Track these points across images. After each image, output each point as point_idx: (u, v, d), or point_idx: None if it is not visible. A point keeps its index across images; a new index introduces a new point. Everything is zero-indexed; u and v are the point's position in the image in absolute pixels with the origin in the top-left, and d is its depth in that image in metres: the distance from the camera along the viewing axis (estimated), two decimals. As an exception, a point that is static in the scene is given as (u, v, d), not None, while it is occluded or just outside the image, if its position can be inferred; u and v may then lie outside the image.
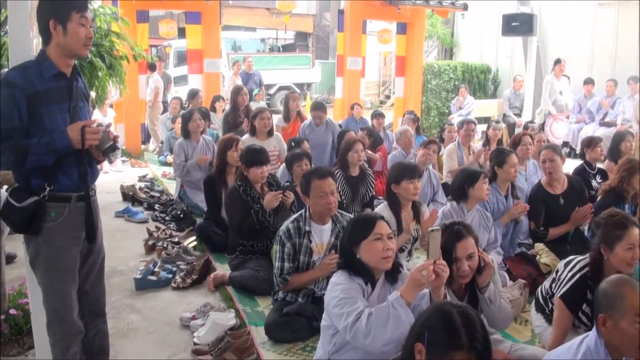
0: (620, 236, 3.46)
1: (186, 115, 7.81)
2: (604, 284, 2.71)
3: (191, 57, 12.07)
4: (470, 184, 5.08)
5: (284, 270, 4.27)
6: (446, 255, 3.26)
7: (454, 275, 3.31)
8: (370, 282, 3.17)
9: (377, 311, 2.88)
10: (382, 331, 2.84)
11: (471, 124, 8.23)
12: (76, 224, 3.09)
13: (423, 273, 2.79)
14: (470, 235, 3.38)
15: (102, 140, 3.03)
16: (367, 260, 3.13)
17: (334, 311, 3.05)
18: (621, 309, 2.58)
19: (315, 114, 8.45)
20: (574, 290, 3.54)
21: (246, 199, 5.34)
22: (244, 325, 4.40)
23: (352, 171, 6.47)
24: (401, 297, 2.85)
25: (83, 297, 3.22)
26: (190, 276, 5.23)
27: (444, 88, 14.86)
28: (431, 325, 2.25)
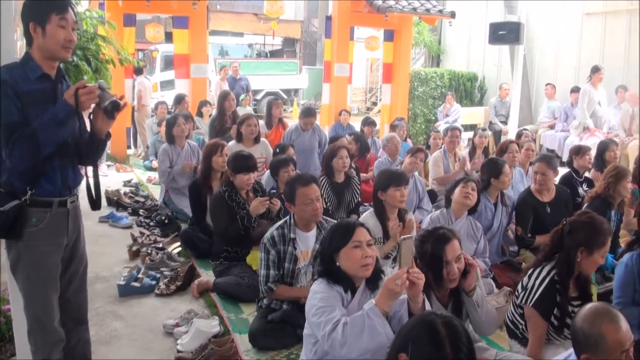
0: (603, 243, 3.48)
1: (170, 120, 7.75)
2: (580, 322, 2.59)
3: (178, 62, 12.04)
4: (452, 190, 5.12)
5: (269, 278, 4.23)
6: (436, 261, 3.27)
7: (445, 279, 3.30)
8: (351, 289, 3.15)
9: (352, 321, 2.86)
10: (357, 341, 2.82)
11: (456, 130, 8.24)
12: (58, 229, 3.05)
13: (397, 282, 2.76)
14: (455, 238, 3.36)
15: (101, 98, 2.93)
16: (347, 267, 3.11)
17: (312, 319, 3.03)
18: (604, 348, 2.50)
19: (306, 121, 8.41)
20: (545, 297, 3.54)
21: (231, 204, 5.32)
22: (227, 333, 4.36)
23: (337, 178, 6.46)
24: (376, 306, 2.83)
25: (65, 305, 3.17)
26: (174, 282, 5.18)
27: (430, 95, 14.88)
28: (415, 336, 2.23)
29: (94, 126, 3.04)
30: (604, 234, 3.49)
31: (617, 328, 2.51)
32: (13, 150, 2.80)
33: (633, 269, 3.98)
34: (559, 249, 3.59)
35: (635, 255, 4.05)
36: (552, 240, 3.65)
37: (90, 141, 3.08)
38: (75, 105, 2.84)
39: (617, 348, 2.49)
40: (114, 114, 2.97)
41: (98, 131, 3.05)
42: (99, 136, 3.07)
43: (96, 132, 3.05)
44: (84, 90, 2.86)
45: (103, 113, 2.98)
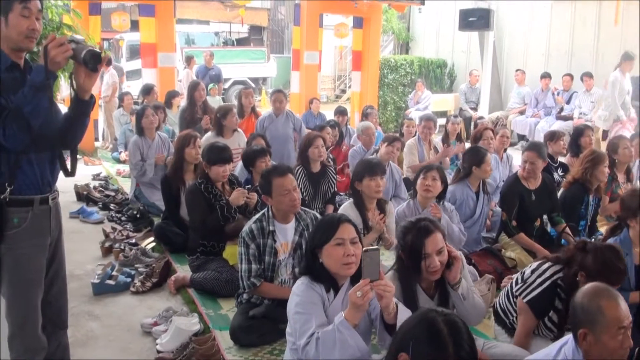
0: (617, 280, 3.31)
1: (139, 111, 7.56)
2: (580, 298, 2.60)
3: (145, 51, 11.78)
4: (415, 179, 5.09)
5: (251, 273, 4.11)
6: (415, 253, 3.22)
7: (424, 272, 3.25)
8: (333, 288, 3.07)
9: (324, 336, 2.79)
10: (330, 356, 2.77)
11: (430, 121, 8.16)
12: (41, 229, 2.89)
13: (358, 294, 2.68)
14: (438, 230, 3.29)
15: (76, 50, 2.69)
16: (329, 265, 3.02)
17: (290, 323, 2.99)
18: (602, 323, 2.50)
19: (275, 97, 8.25)
20: (543, 297, 3.49)
21: (208, 196, 5.21)
22: (208, 330, 4.24)
23: (313, 167, 6.38)
24: (346, 319, 2.77)
25: (45, 308, 3.00)
26: (149, 279, 5.04)
27: (400, 82, 14.85)
28: (416, 335, 2.18)
29: (76, 86, 2.80)
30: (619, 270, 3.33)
31: (616, 305, 2.52)
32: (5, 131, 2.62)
33: None
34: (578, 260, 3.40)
35: (618, 240, 4.10)
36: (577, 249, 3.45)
37: (74, 107, 2.84)
38: (45, 62, 2.62)
39: (615, 324, 2.49)
40: (96, 66, 2.73)
41: (81, 91, 2.80)
42: (83, 97, 2.81)
43: (79, 92, 2.80)
44: (53, 42, 2.63)
45: (84, 66, 2.73)
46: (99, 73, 2.84)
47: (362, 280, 2.71)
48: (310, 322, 2.88)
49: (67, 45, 2.66)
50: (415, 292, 3.31)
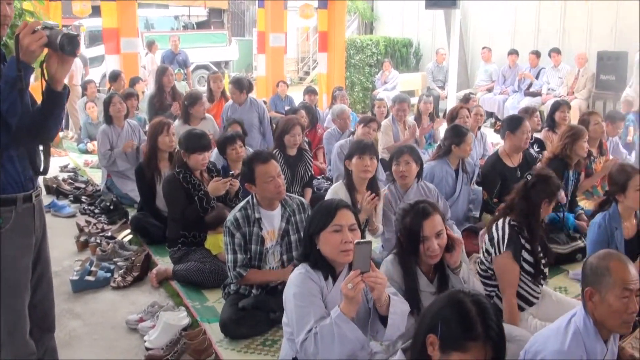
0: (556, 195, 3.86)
1: (106, 99, 7.31)
2: (591, 259, 2.67)
3: (107, 37, 11.37)
4: (391, 162, 5.00)
5: (237, 263, 3.99)
6: (414, 235, 3.17)
7: (423, 256, 3.20)
8: (331, 275, 2.97)
9: (322, 331, 2.72)
10: (329, 351, 2.71)
11: (404, 102, 8.08)
12: (25, 229, 2.70)
13: (349, 286, 2.63)
14: (437, 213, 3.24)
15: (51, 36, 2.45)
16: (326, 252, 2.93)
17: (290, 315, 2.91)
18: (608, 282, 2.54)
19: (230, 89, 8.03)
20: (512, 240, 3.64)
21: (187, 186, 5.03)
22: (196, 323, 4.12)
23: (289, 151, 6.27)
24: (342, 313, 2.71)
25: (31, 311, 2.80)
26: (130, 273, 4.87)
27: (367, 63, 14.75)
28: (444, 316, 2.13)
29: (48, 76, 2.54)
30: (558, 187, 3.86)
31: (624, 267, 2.57)
32: None
33: (606, 229, 4.10)
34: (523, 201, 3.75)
35: (607, 215, 4.16)
36: (518, 193, 3.80)
37: (47, 99, 2.57)
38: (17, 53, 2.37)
39: (621, 284, 2.53)
40: (74, 50, 2.49)
41: (53, 81, 2.54)
42: (55, 88, 2.55)
43: (52, 82, 2.54)
44: (25, 30, 2.39)
45: (59, 52, 2.48)
46: (73, 60, 2.62)
47: (352, 272, 2.67)
48: (309, 316, 2.80)
49: (41, 32, 2.43)
50: (416, 275, 3.26)
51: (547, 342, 2.63)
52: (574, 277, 5.02)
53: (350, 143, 6.43)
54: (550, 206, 3.82)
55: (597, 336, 2.60)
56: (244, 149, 5.85)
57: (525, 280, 3.73)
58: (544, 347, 2.61)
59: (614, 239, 4.07)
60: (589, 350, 2.57)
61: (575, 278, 4.96)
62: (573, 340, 2.57)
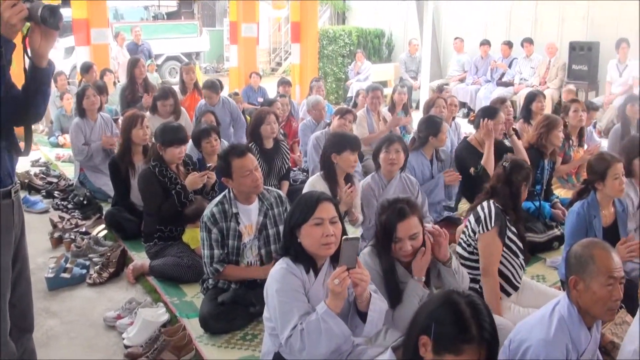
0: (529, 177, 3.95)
1: (79, 92, 7.13)
2: (576, 247, 2.68)
3: (77, 27, 11.17)
4: (377, 153, 4.94)
5: (214, 259, 3.95)
6: (387, 234, 3.18)
7: (395, 252, 3.22)
8: (313, 268, 2.95)
9: (308, 327, 2.71)
10: (316, 347, 2.71)
11: (377, 91, 8.07)
12: (6, 226, 2.61)
13: (335, 282, 2.63)
14: (415, 214, 3.22)
15: (32, 9, 2.35)
16: (308, 246, 2.90)
17: (272, 311, 2.87)
18: (592, 270, 2.56)
19: (205, 93, 7.92)
20: (499, 217, 3.72)
21: (163, 180, 4.96)
22: (175, 319, 4.08)
23: (265, 144, 6.20)
24: (329, 308, 2.70)
25: (10, 311, 2.72)
26: (106, 269, 4.79)
27: (339, 53, 14.68)
28: (438, 317, 2.11)
29: (32, 53, 2.46)
30: (530, 171, 3.98)
31: (608, 256, 2.58)
32: None
33: (585, 216, 4.13)
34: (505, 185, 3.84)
35: (585, 203, 4.18)
36: (499, 179, 3.88)
37: (32, 77, 2.48)
38: None
39: (605, 272, 2.54)
40: (57, 23, 2.40)
41: (37, 57, 2.46)
42: (39, 64, 2.47)
43: (36, 58, 2.46)
44: (5, 3, 2.28)
45: (42, 25, 2.39)
46: (57, 34, 2.51)
47: (339, 267, 2.66)
48: (292, 312, 2.78)
49: (22, 5, 2.32)
50: (394, 267, 3.27)
51: (531, 331, 2.63)
52: (551, 264, 5.08)
53: (326, 135, 6.40)
54: (526, 190, 3.92)
55: (581, 324, 2.61)
56: (219, 141, 5.80)
57: (511, 261, 3.78)
58: (528, 336, 2.61)
59: (593, 227, 4.10)
60: (573, 337, 2.58)
61: (553, 266, 5.02)
62: (558, 328, 2.57)
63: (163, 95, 7.29)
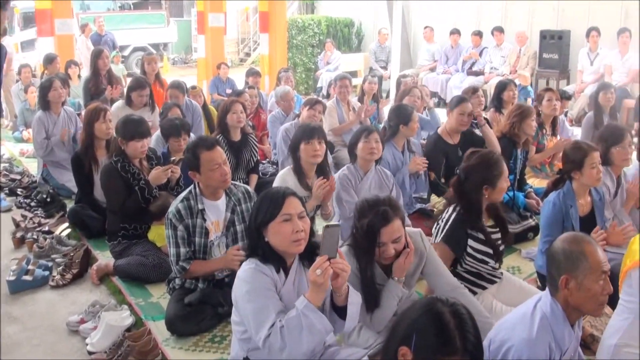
0: (501, 173, 3.60)
1: (45, 83, 6.89)
2: (561, 244, 2.56)
3: (40, 18, 10.83)
4: (355, 144, 4.80)
5: (180, 257, 3.81)
6: (370, 238, 3.06)
7: (376, 256, 3.12)
8: (283, 267, 2.82)
9: (288, 323, 2.56)
10: (297, 344, 2.55)
11: (345, 79, 7.98)
12: None
13: (317, 272, 2.50)
14: (397, 217, 3.10)
15: None
16: (276, 244, 2.76)
17: (244, 313, 2.71)
18: (586, 267, 2.47)
19: (171, 93, 7.59)
20: (453, 230, 3.60)
21: (126, 176, 4.79)
22: (141, 322, 3.93)
23: (233, 135, 6.05)
24: (309, 302, 2.56)
25: None
26: (69, 270, 4.61)
27: (309, 43, 14.55)
28: (420, 328, 1.98)
29: None
30: (497, 165, 3.62)
31: (597, 250, 2.51)
32: None
33: (561, 207, 4.08)
34: (461, 195, 3.66)
35: (561, 193, 4.13)
36: (454, 188, 3.72)
37: None
38: None
39: (598, 267, 2.47)
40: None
41: None
42: None
43: None
44: None
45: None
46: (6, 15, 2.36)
47: (319, 257, 2.52)
48: (267, 311, 2.63)
49: None
50: (372, 268, 3.15)
51: (513, 330, 2.53)
52: (526, 256, 5.05)
53: (295, 126, 6.28)
54: (497, 188, 3.61)
55: (565, 321, 2.54)
56: (187, 140, 5.62)
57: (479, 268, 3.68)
58: (510, 335, 2.51)
59: (569, 216, 4.06)
60: (557, 336, 2.50)
61: (528, 257, 5.00)
62: (540, 327, 2.49)
63: (139, 85, 7.06)
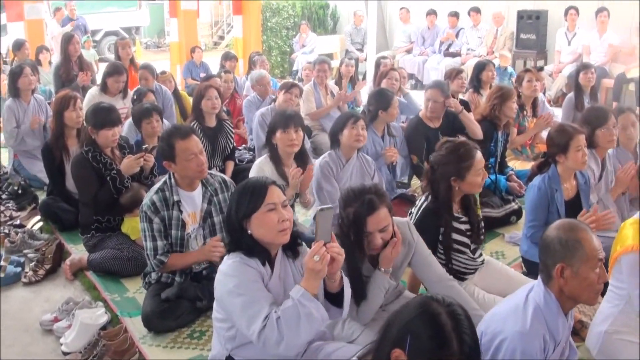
0: (470, 166, 3.47)
1: (15, 70, 6.63)
2: (555, 232, 2.47)
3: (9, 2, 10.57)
4: (339, 130, 4.67)
5: (157, 250, 3.67)
6: (356, 228, 2.96)
7: (365, 248, 3.03)
8: (268, 260, 2.70)
9: (285, 314, 2.45)
10: (295, 335, 2.44)
11: (324, 63, 7.87)
12: None
13: (315, 258, 2.41)
14: (384, 205, 3.01)
15: None
16: (261, 235, 2.65)
17: (232, 309, 2.57)
18: (582, 255, 2.40)
19: (141, 74, 7.35)
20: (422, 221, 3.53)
21: (97, 166, 4.63)
22: (116, 319, 3.80)
23: (208, 122, 5.92)
24: (306, 290, 2.46)
25: None
26: (42, 266, 4.45)
27: (284, 26, 14.33)
28: (415, 330, 1.87)
29: None
30: (466, 157, 3.49)
31: (592, 237, 2.45)
32: None
33: (546, 191, 4.04)
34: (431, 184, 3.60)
35: (546, 177, 4.09)
36: (425, 176, 3.67)
37: None
38: None
39: (594, 254, 2.41)
40: None
41: None
42: None
43: None
44: None
45: None
46: None
47: (316, 242, 2.43)
48: (259, 303, 2.51)
49: None
50: (358, 259, 3.06)
51: (505, 323, 2.44)
52: (509, 240, 5.00)
53: (272, 111, 6.15)
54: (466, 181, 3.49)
55: (559, 311, 2.48)
56: (160, 122, 5.48)
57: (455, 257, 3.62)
58: (502, 328, 2.42)
59: (554, 201, 4.02)
60: (551, 327, 2.44)
61: (512, 241, 4.95)
62: (534, 318, 2.41)
63: (116, 71, 6.88)
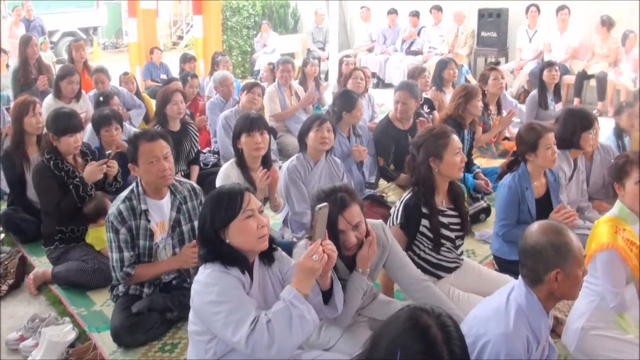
0: (446, 144, 3.48)
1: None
2: (545, 238, 2.44)
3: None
4: (305, 133, 4.61)
5: (124, 262, 3.55)
6: (331, 228, 2.85)
7: (341, 248, 2.93)
8: (247, 269, 2.63)
9: (276, 316, 2.38)
10: (287, 338, 2.36)
11: (288, 64, 7.81)
12: None
13: (314, 258, 2.38)
14: (355, 202, 2.97)
15: None
16: (240, 243, 2.58)
17: (215, 318, 2.46)
18: (573, 257, 2.41)
19: (97, 77, 7.29)
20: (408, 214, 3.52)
21: (59, 174, 4.49)
22: (85, 335, 3.67)
23: (172, 126, 5.80)
24: (298, 291, 2.41)
25: None
26: (4, 281, 4.28)
27: (244, 25, 14.20)
28: (405, 344, 1.82)
29: None
30: (441, 135, 3.53)
31: (574, 236, 2.47)
32: None
33: (516, 189, 4.06)
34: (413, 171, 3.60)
35: (516, 175, 4.11)
36: (408, 166, 3.68)
37: None
38: None
39: (581, 253, 2.45)
40: None
41: None
42: None
43: None
44: None
45: None
46: None
47: (314, 241, 2.45)
48: (244, 308, 2.43)
49: None
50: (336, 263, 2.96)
51: (487, 324, 2.42)
52: (480, 238, 5.03)
53: (236, 113, 6.07)
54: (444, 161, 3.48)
55: (542, 312, 2.48)
56: (120, 131, 5.36)
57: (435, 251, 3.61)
58: (485, 330, 2.40)
59: (525, 199, 4.04)
60: (533, 327, 2.44)
61: (482, 239, 4.99)
62: (517, 319, 2.40)
63: (68, 72, 6.70)
